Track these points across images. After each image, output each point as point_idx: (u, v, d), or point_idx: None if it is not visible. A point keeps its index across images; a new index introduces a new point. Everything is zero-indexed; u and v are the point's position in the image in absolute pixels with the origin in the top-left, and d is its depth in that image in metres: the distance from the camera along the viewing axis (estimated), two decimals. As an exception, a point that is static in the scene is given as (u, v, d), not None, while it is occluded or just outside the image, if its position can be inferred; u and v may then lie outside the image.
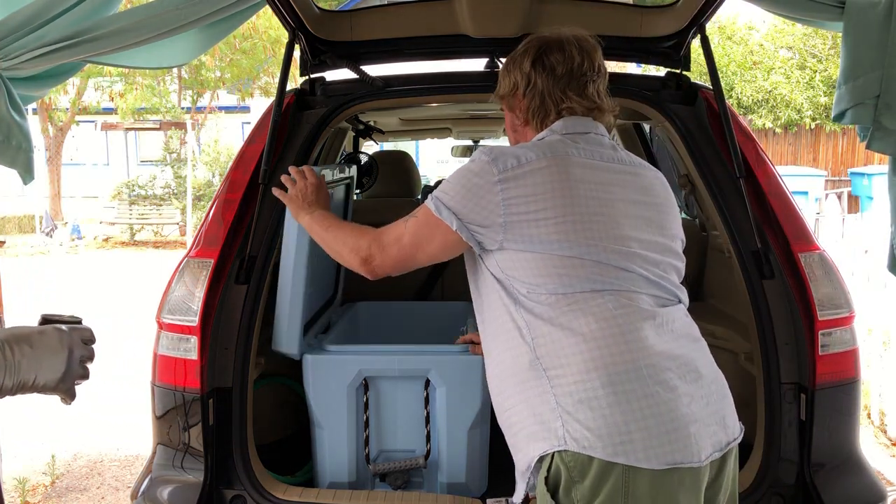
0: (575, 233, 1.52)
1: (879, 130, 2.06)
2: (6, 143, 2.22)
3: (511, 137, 1.84)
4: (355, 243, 1.76)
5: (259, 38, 14.29)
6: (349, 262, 1.78)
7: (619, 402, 1.42)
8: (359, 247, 1.75)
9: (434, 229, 1.64)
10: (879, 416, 4.50)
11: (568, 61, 1.67)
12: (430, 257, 1.72)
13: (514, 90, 1.73)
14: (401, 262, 1.74)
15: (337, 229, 1.86)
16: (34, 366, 1.12)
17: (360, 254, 1.74)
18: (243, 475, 2.18)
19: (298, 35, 2.52)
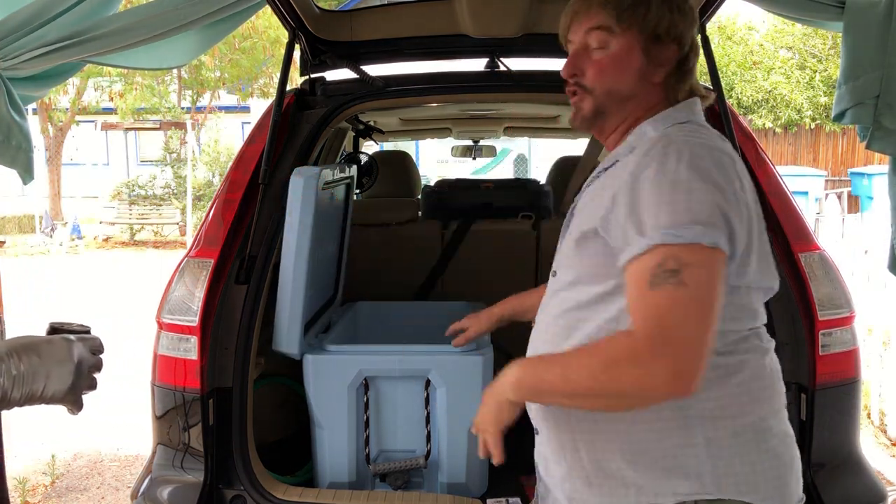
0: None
1: (879, 130, 2.06)
2: (6, 143, 2.22)
3: (627, 84, 1.36)
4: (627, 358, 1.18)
5: (259, 38, 14.29)
6: (648, 394, 1.20)
7: (770, 450, 1.34)
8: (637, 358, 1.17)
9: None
10: (879, 416, 4.50)
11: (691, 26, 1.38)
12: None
13: (670, 38, 1.35)
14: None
15: (575, 362, 1.26)
16: (42, 376, 1.10)
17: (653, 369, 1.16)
18: (243, 475, 2.18)
19: (298, 35, 2.53)
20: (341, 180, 2.67)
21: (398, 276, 3.37)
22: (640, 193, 1.23)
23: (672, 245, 1.17)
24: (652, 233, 1.19)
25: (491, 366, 2.30)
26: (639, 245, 1.20)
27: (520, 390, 1.32)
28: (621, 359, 1.18)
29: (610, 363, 1.19)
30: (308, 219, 2.21)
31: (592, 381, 1.21)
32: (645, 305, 1.18)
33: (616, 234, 1.27)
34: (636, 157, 1.29)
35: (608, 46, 1.35)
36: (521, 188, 3.74)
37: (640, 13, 1.33)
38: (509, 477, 2.44)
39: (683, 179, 1.21)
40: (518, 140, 16.13)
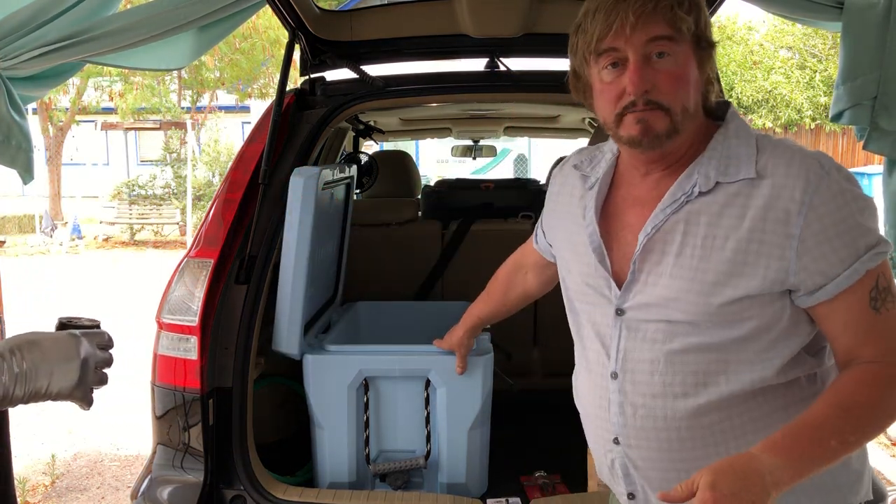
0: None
1: (876, 131, 2.07)
2: (6, 143, 2.22)
3: (693, 100, 1.24)
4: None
5: (259, 38, 14.30)
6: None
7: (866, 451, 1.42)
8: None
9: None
10: (879, 416, 4.50)
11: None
12: None
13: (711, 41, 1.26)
14: None
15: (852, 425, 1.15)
16: (45, 373, 1.09)
17: None
18: (243, 475, 2.18)
19: (298, 35, 2.53)
20: (341, 180, 2.67)
21: (398, 276, 3.37)
22: (829, 220, 1.16)
23: (875, 266, 1.17)
24: (860, 258, 1.16)
25: (491, 366, 2.31)
26: (850, 275, 1.16)
27: (793, 481, 1.09)
28: (888, 393, 1.15)
29: (882, 406, 1.15)
30: (308, 219, 2.21)
31: (878, 429, 1.18)
32: (880, 331, 1.17)
33: (808, 271, 1.18)
34: (786, 182, 1.18)
35: (675, 56, 1.21)
36: (521, 188, 3.74)
37: (694, 18, 1.22)
38: (509, 477, 2.44)
39: (861, 197, 1.18)
40: (518, 140, 16.14)
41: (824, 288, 1.18)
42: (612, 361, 1.32)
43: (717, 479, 1.03)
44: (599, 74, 1.27)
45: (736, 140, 1.26)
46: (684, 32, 1.21)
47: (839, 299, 1.18)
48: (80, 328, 1.19)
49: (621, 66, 1.23)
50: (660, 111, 1.22)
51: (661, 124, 1.22)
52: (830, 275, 1.17)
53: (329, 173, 2.39)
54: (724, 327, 1.22)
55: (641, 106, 1.22)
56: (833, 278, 1.17)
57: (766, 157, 1.23)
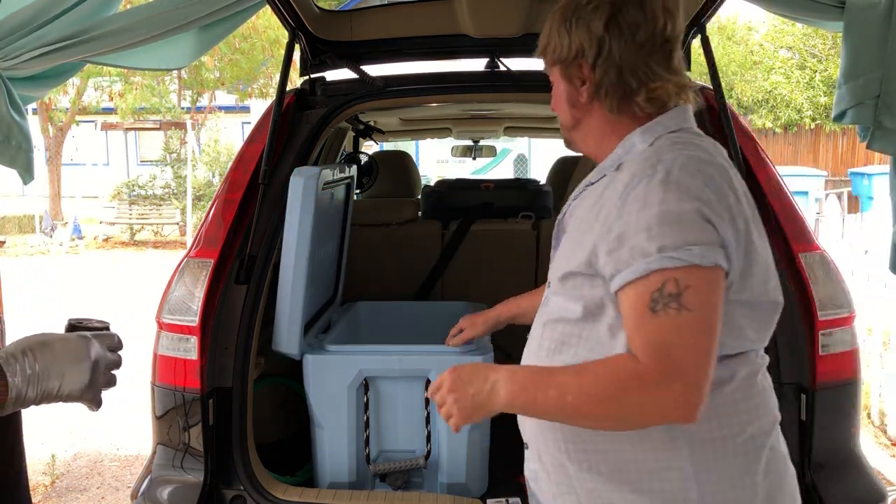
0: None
1: (880, 130, 2.07)
2: (6, 143, 2.22)
3: (565, 112, 1.42)
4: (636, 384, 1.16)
5: (258, 38, 14.30)
6: (651, 420, 1.20)
7: (759, 472, 1.33)
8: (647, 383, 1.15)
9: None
10: (879, 416, 4.50)
11: (650, 22, 1.30)
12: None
13: (577, 56, 1.34)
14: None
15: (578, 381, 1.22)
16: (57, 374, 1.10)
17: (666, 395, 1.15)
18: (243, 475, 2.18)
19: (298, 35, 2.53)
20: (341, 180, 2.67)
21: (398, 276, 3.37)
22: (631, 217, 1.21)
23: (669, 269, 1.16)
24: (648, 257, 1.17)
25: (491, 366, 2.30)
26: (634, 270, 1.18)
27: (511, 407, 1.29)
28: (628, 386, 1.16)
29: (614, 389, 1.17)
30: (308, 219, 2.21)
31: (593, 406, 1.19)
32: (648, 331, 1.17)
33: (608, 259, 1.24)
34: (625, 175, 1.27)
35: (553, 82, 1.44)
36: (521, 188, 3.74)
37: (552, 47, 1.38)
38: (509, 477, 2.44)
39: (674, 200, 1.18)
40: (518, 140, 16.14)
41: (615, 278, 1.22)
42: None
43: (459, 368, 1.34)
44: None
45: (640, 138, 1.34)
46: (549, 60, 1.41)
47: (625, 292, 1.21)
48: (89, 330, 1.20)
49: None
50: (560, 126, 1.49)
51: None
52: (620, 267, 1.21)
53: (329, 173, 2.39)
54: (568, 301, 1.34)
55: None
56: (621, 271, 1.21)
57: (640, 154, 1.31)
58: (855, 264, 5.05)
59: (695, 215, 1.18)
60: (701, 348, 1.15)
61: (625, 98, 1.33)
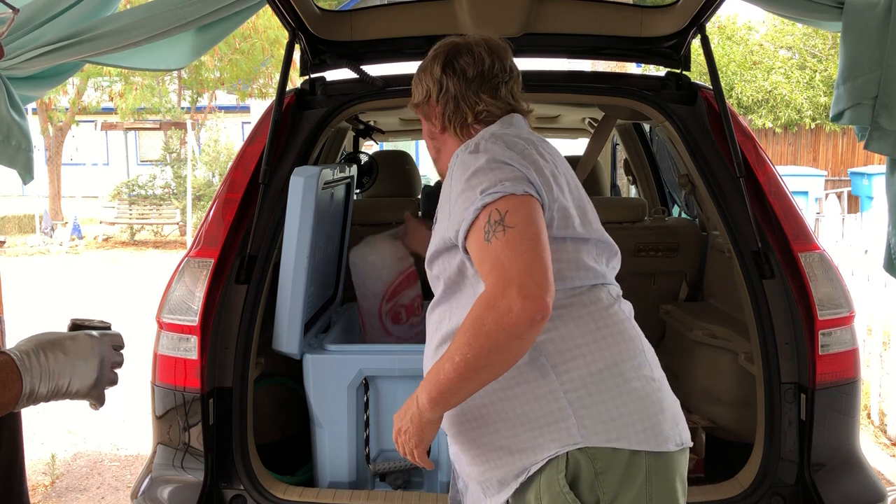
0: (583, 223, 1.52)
1: (877, 131, 2.07)
2: (6, 143, 2.22)
3: (430, 146, 1.80)
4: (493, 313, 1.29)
5: (258, 38, 14.29)
6: (513, 329, 1.29)
7: (632, 392, 1.43)
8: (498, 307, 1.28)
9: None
10: (879, 416, 4.50)
11: (478, 63, 1.64)
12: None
13: (426, 97, 1.69)
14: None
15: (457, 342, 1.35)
16: (67, 372, 1.13)
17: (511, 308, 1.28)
18: (243, 475, 2.18)
19: (298, 35, 2.53)
20: (341, 180, 2.67)
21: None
22: (455, 183, 1.46)
23: (490, 203, 1.37)
24: (474, 203, 1.39)
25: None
26: (467, 218, 1.39)
27: (434, 405, 1.41)
28: (482, 315, 1.30)
29: (476, 325, 1.30)
30: (308, 219, 2.21)
31: (469, 350, 1.31)
32: (488, 260, 1.34)
33: (450, 223, 1.45)
34: (450, 164, 1.55)
35: (427, 124, 1.77)
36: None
37: (413, 100, 1.75)
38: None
39: (482, 157, 1.45)
40: (518, 140, 16.09)
41: (458, 233, 1.42)
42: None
43: (398, 412, 1.53)
44: None
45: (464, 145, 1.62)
46: (417, 112, 1.76)
47: (468, 241, 1.40)
48: (93, 329, 1.23)
49: None
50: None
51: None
52: (460, 221, 1.41)
53: (329, 173, 2.39)
54: (436, 285, 1.57)
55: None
56: (461, 225, 1.41)
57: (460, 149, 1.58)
58: (855, 264, 5.05)
59: (500, 163, 1.43)
60: (530, 250, 1.32)
61: (465, 123, 1.65)
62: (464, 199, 1.42)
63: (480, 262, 1.37)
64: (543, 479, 1.42)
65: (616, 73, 3.24)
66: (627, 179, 4.98)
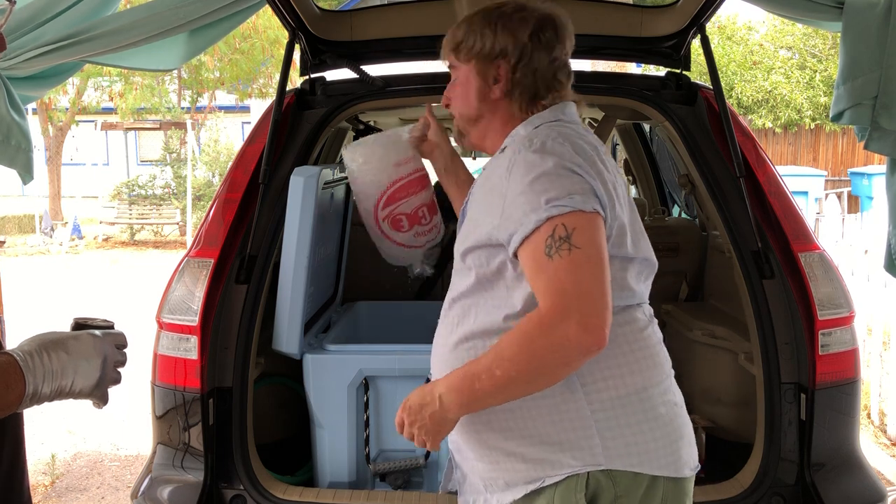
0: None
1: (877, 131, 2.07)
2: (6, 143, 2.22)
3: (472, 107, 1.56)
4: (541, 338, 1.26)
5: (258, 38, 14.29)
6: (566, 356, 1.28)
7: (658, 418, 1.41)
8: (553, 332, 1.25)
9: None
10: (879, 416, 4.50)
11: (561, 43, 1.52)
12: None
13: (498, 55, 1.51)
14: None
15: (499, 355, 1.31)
16: (70, 372, 1.13)
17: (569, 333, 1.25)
18: (243, 475, 2.18)
19: (298, 35, 2.53)
20: (341, 180, 2.67)
21: (398, 276, 3.36)
22: (516, 183, 1.36)
23: (556, 216, 1.29)
24: (537, 210, 1.30)
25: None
26: (527, 225, 1.31)
27: (462, 410, 1.38)
28: (533, 334, 1.26)
29: (525, 342, 1.26)
30: (308, 219, 2.21)
31: (513, 367, 1.28)
32: (546, 277, 1.28)
33: (502, 224, 1.36)
34: (507, 152, 1.45)
35: (457, 78, 1.58)
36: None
37: (468, 45, 1.54)
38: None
39: (550, 161, 1.35)
40: (518, 140, 16.10)
41: (513, 238, 1.34)
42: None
43: (410, 397, 1.44)
44: None
45: (523, 128, 1.51)
46: (462, 57, 1.55)
47: (523, 248, 1.33)
48: (96, 328, 1.23)
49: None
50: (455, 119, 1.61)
51: (454, 128, 1.64)
52: (516, 227, 1.33)
53: (329, 173, 2.39)
54: (464, 277, 1.49)
55: (451, 113, 1.62)
56: (517, 230, 1.33)
57: (522, 136, 1.47)
58: (855, 264, 5.05)
59: (569, 171, 1.34)
60: (594, 278, 1.27)
61: (533, 100, 1.52)
62: (523, 203, 1.33)
63: (535, 275, 1.30)
64: (559, 493, 1.39)
65: (616, 73, 3.24)
66: (627, 179, 4.98)
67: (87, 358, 1.16)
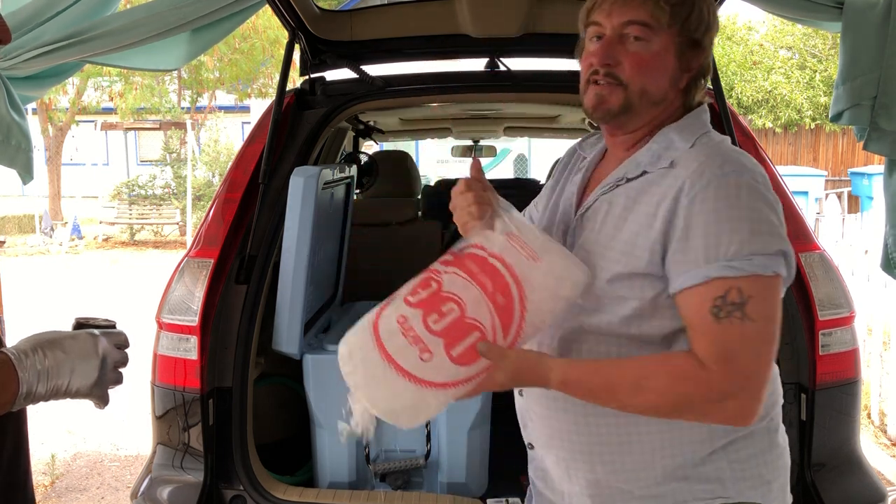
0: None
1: (876, 131, 2.07)
2: (6, 143, 2.22)
3: (660, 87, 1.29)
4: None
5: (258, 38, 14.29)
6: (709, 420, 1.21)
7: (777, 446, 1.39)
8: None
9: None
10: (879, 416, 4.50)
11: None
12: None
13: (701, 40, 1.29)
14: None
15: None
16: (66, 371, 1.12)
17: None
18: (243, 475, 2.18)
19: (298, 35, 2.52)
20: (341, 180, 2.67)
21: (398, 276, 3.35)
22: (698, 219, 1.18)
23: (731, 277, 1.15)
24: (711, 264, 1.16)
25: (491, 366, 2.30)
26: (697, 275, 1.17)
27: (564, 387, 1.23)
28: (694, 387, 1.15)
29: (681, 387, 1.16)
30: (308, 219, 2.21)
31: (658, 400, 1.17)
32: (713, 338, 1.15)
33: (672, 259, 1.20)
34: (686, 174, 1.22)
35: (649, 42, 1.26)
36: (521, 188, 3.74)
37: (683, 14, 1.26)
38: (509, 477, 2.44)
39: (744, 207, 1.18)
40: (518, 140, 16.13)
41: (678, 278, 1.19)
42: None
43: (515, 366, 1.25)
44: (587, 44, 1.34)
45: (678, 134, 1.30)
46: (664, 23, 1.26)
47: (687, 294, 1.19)
48: (97, 328, 1.22)
49: (602, 40, 1.30)
50: (619, 88, 1.28)
51: (615, 100, 1.28)
52: (685, 268, 1.18)
53: (329, 173, 2.39)
54: (605, 309, 1.27)
55: (602, 77, 1.28)
56: (686, 272, 1.18)
57: (691, 152, 1.26)
58: (855, 264, 5.05)
59: (762, 224, 1.18)
60: (764, 358, 1.16)
61: (698, 96, 1.34)
62: (700, 248, 1.17)
63: (700, 331, 1.17)
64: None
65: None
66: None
67: (85, 357, 1.15)
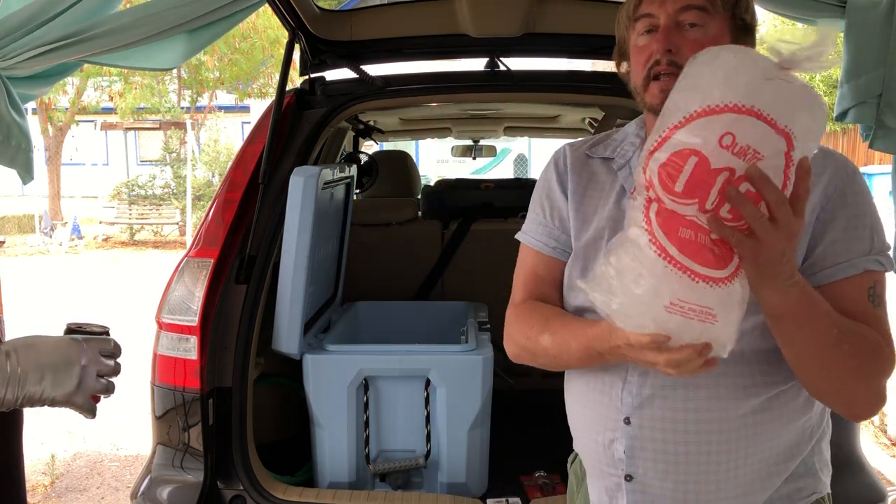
0: None
1: (882, 129, 2.06)
2: (6, 143, 2.21)
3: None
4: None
5: (258, 38, 14.29)
6: (874, 380, 1.22)
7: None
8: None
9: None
10: (880, 416, 4.49)
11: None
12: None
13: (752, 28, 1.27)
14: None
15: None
16: (37, 378, 1.05)
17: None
18: (243, 475, 2.18)
19: (298, 35, 2.52)
20: (341, 180, 2.67)
21: (398, 276, 3.37)
22: (852, 212, 1.23)
23: (875, 271, 1.22)
24: (868, 257, 1.22)
25: (491, 365, 2.30)
26: (856, 266, 1.21)
27: (803, 297, 1.08)
28: (881, 355, 1.20)
29: (875, 351, 1.19)
30: (308, 219, 2.21)
31: (855, 352, 1.15)
32: (877, 320, 1.21)
33: (827, 249, 1.22)
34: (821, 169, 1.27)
35: (706, 28, 1.22)
36: (521, 188, 3.74)
37: (751, 6, 1.25)
38: (509, 477, 2.44)
39: (873, 204, 1.25)
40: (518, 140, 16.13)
41: (834, 267, 1.21)
42: None
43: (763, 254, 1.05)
44: (636, 41, 1.29)
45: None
46: (719, 7, 1.22)
47: (843, 283, 1.21)
48: (88, 334, 1.15)
49: (655, 32, 1.25)
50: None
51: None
52: (847, 258, 1.21)
53: (329, 173, 2.39)
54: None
55: (665, 66, 1.22)
56: (847, 261, 1.21)
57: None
58: (855, 264, 5.05)
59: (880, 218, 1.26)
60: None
61: None
62: (862, 235, 1.22)
63: (863, 313, 1.21)
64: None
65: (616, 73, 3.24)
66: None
67: (62, 364, 1.08)
